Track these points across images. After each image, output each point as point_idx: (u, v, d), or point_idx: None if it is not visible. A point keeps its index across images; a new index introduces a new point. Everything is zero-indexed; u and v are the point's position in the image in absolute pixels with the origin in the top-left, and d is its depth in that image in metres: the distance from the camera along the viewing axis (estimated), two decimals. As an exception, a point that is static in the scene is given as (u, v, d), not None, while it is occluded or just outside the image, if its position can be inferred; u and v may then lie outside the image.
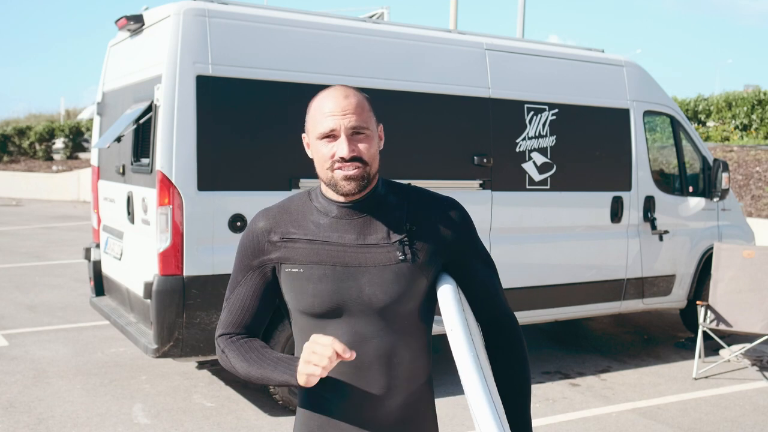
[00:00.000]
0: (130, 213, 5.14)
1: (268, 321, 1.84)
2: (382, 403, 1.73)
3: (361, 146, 1.68)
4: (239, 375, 1.75)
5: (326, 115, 1.67)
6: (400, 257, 1.71)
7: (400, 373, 1.73)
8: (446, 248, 1.77)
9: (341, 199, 1.73)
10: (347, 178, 1.67)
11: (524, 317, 5.92)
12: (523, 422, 1.83)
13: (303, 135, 1.80)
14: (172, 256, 4.50)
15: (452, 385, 5.17)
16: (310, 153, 1.77)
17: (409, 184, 1.85)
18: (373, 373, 1.71)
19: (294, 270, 1.72)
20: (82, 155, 26.16)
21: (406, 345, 1.73)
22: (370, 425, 1.73)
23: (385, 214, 1.75)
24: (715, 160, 6.88)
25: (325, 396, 1.74)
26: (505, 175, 5.65)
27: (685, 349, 6.78)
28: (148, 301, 4.64)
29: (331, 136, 1.68)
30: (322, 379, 1.68)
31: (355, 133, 1.68)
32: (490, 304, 1.85)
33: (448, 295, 1.72)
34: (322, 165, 1.70)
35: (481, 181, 5.53)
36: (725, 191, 6.87)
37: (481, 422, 1.58)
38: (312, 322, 1.73)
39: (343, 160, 1.66)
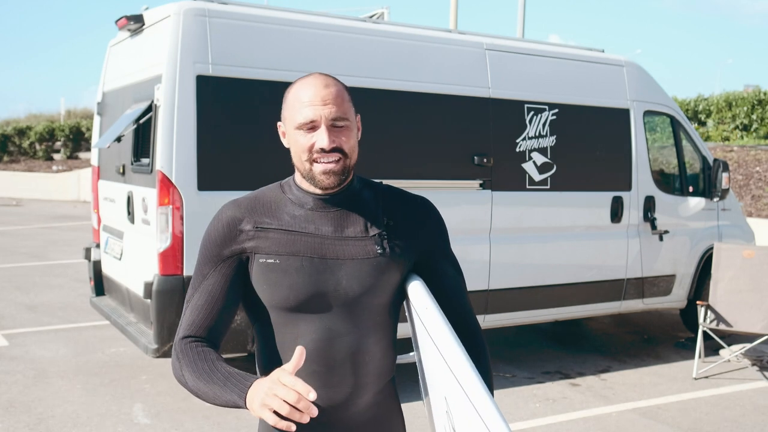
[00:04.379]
0: (130, 213, 5.14)
1: (231, 324, 1.72)
2: (352, 401, 1.70)
3: (342, 137, 1.63)
4: (189, 390, 1.64)
5: (305, 105, 1.61)
6: (378, 251, 1.68)
7: (370, 371, 1.70)
8: (419, 245, 1.75)
9: (317, 191, 1.69)
10: (327, 173, 1.63)
11: (524, 317, 5.93)
12: None
13: (278, 123, 1.74)
14: (172, 256, 4.50)
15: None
16: (286, 143, 1.72)
17: (381, 182, 1.83)
18: (345, 370, 1.67)
19: (269, 261, 1.65)
20: (82, 155, 26.17)
21: (376, 342, 1.70)
22: (339, 423, 1.70)
23: (361, 207, 1.71)
24: (715, 160, 6.88)
25: None
26: (505, 175, 5.65)
27: (685, 349, 6.78)
28: (148, 301, 4.64)
29: (310, 126, 1.62)
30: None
31: (335, 125, 1.62)
32: (456, 306, 1.80)
33: (418, 285, 1.71)
34: (300, 156, 1.65)
35: (481, 181, 5.53)
36: (725, 191, 6.87)
37: (475, 399, 1.39)
38: (284, 317, 1.66)
39: (323, 151, 1.61)
